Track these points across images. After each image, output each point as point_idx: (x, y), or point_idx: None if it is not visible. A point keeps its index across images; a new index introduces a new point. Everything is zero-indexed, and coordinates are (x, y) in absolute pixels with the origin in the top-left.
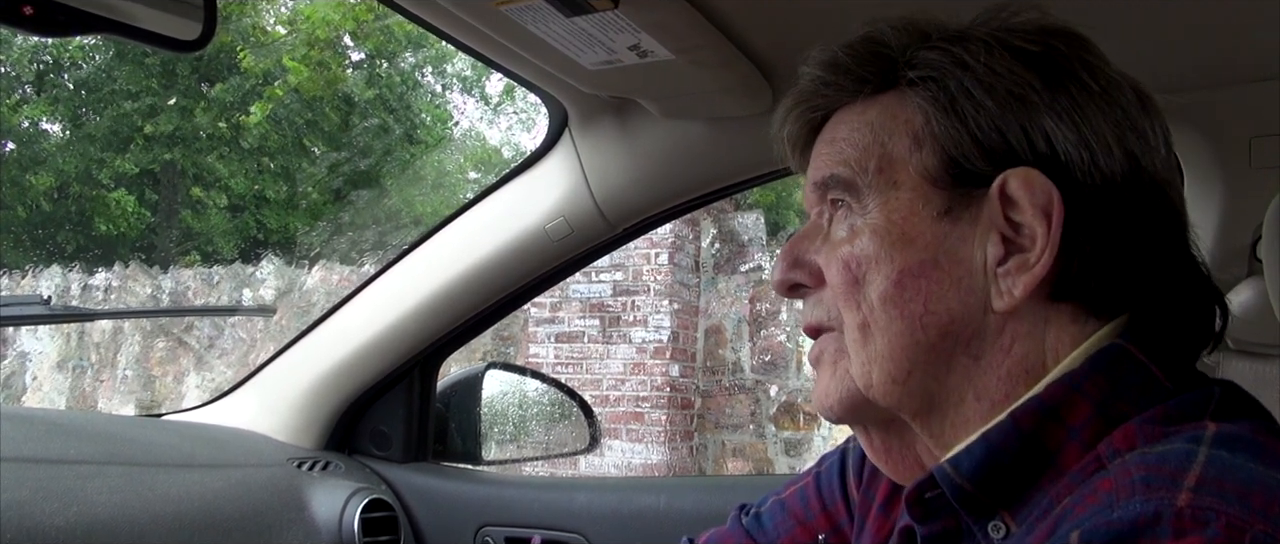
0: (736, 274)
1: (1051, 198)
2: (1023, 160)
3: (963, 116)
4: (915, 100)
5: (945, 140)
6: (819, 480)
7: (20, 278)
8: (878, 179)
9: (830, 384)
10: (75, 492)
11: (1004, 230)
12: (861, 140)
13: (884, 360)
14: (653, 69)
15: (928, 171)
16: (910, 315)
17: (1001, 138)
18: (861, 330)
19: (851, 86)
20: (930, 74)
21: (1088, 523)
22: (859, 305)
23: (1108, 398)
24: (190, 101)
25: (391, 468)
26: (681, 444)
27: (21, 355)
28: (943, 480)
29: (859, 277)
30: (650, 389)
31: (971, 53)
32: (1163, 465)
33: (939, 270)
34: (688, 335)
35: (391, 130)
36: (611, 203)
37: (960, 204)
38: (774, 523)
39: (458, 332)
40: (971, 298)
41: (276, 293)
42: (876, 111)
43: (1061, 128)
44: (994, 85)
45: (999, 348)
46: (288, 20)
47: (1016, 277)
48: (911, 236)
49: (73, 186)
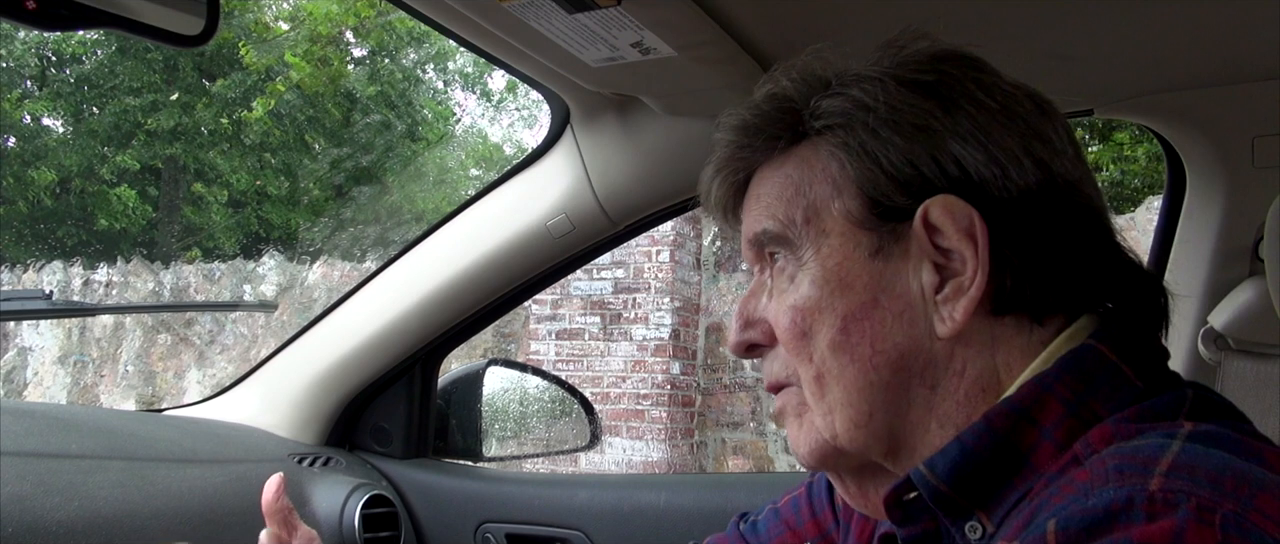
0: (738, 272)
1: (972, 219)
2: (938, 188)
3: (873, 157)
4: (826, 148)
5: (862, 182)
6: (811, 489)
7: (22, 273)
8: (807, 230)
9: (799, 437)
10: (77, 486)
11: (935, 258)
12: (784, 193)
13: (844, 407)
14: (655, 66)
15: (851, 215)
16: (861, 359)
17: (914, 170)
18: (817, 382)
19: (765, 145)
20: (836, 121)
21: (1063, 511)
22: (811, 357)
23: (1080, 397)
24: (192, 97)
25: (392, 464)
26: (682, 442)
27: (23, 350)
28: (919, 483)
29: (805, 329)
30: (651, 387)
31: (869, 93)
32: (1137, 455)
33: (880, 309)
34: (689, 333)
35: (393, 127)
36: (613, 200)
37: (889, 240)
38: (768, 530)
39: (459, 328)
40: (916, 329)
41: (278, 289)
42: (793, 165)
43: (968, 150)
44: (897, 121)
45: (952, 372)
46: (290, 16)
47: (954, 301)
48: (848, 281)
49: (75, 182)
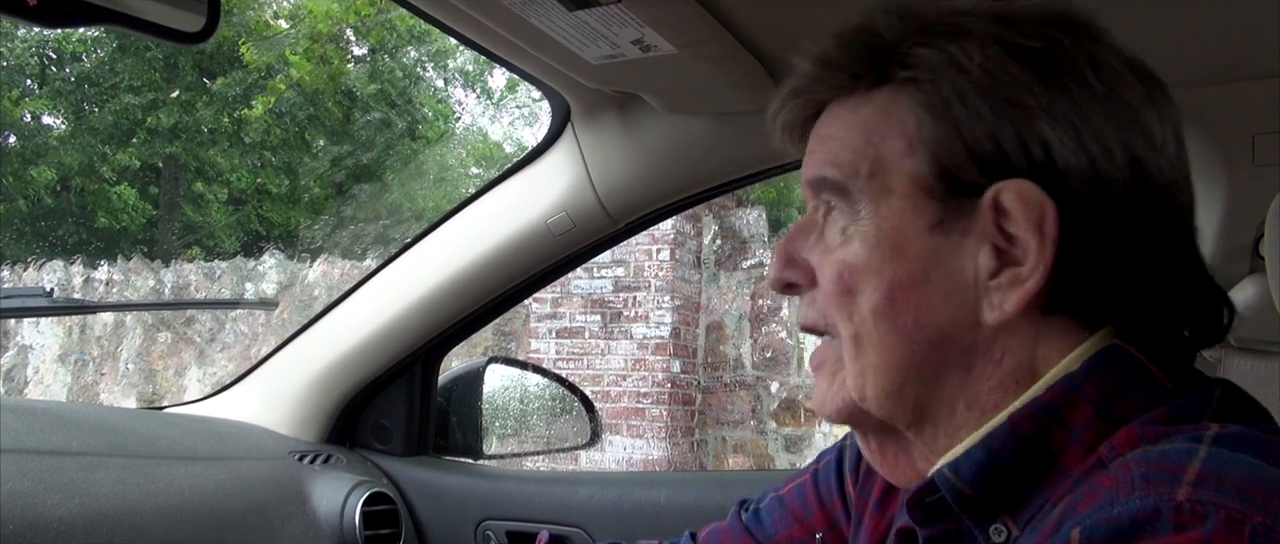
0: (738, 270)
1: (1045, 212)
2: (1017, 170)
3: (956, 123)
4: (908, 101)
5: (938, 148)
6: (816, 478)
7: (23, 271)
8: (869, 184)
9: (828, 392)
10: (78, 483)
11: (996, 241)
12: (854, 141)
13: (876, 373)
14: (656, 63)
15: (920, 179)
16: (902, 329)
17: (996, 147)
18: (855, 343)
19: (844, 82)
20: (925, 75)
21: (1088, 520)
22: (851, 316)
23: (1108, 399)
24: (192, 95)
25: (393, 462)
26: (682, 440)
27: (23, 348)
28: (943, 485)
29: (851, 287)
30: (651, 385)
31: (968, 52)
32: (1163, 462)
33: (930, 284)
34: (689, 331)
35: (393, 125)
36: (614, 198)
37: (952, 215)
38: (772, 520)
39: (459, 326)
40: (962, 312)
41: (278, 287)
42: (869, 110)
43: (1059, 134)
44: (990, 90)
45: (990, 359)
46: (290, 14)
47: (1008, 291)
48: (902, 248)
49: (75, 180)
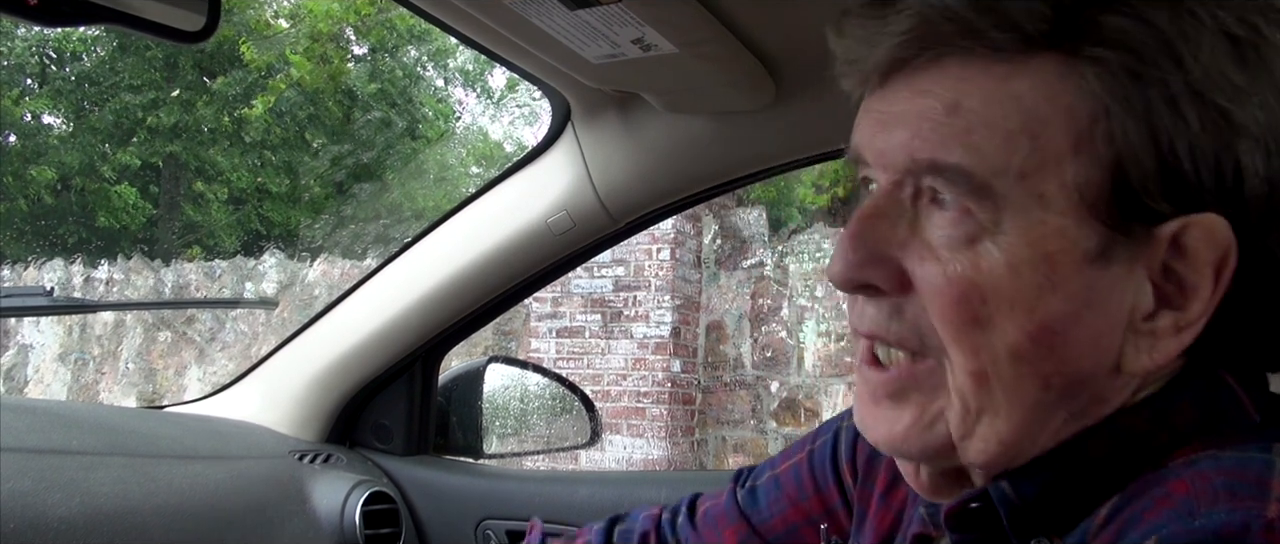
0: (738, 270)
1: (1229, 253)
2: (1208, 201)
3: (1155, 133)
4: (1094, 82)
5: (1126, 158)
6: (813, 459)
7: (23, 270)
8: (1020, 187)
9: (912, 428)
10: (78, 482)
11: (1157, 279)
12: (1005, 122)
13: (999, 421)
14: (656, 63)
15: (1087, 192)
16: (1042, 375)
17: (1193, 169)
18: (976, 382)
19: (997, 36)
20: (1124, 58)
21: (1166, 529)
22: (977, 351)
23: (1192, 430)
24: (193, 94)
25: (393, 461)
26: (682, 439)
27: (23, 347)
28: (999, 501)
29: (980, 317)
30: (651, 384)
31: (1191, 39)
32: (1244, 472)
33: (1082, 324)
34: (689, 331)
35: (394, 124)
36: (614, 197)
37: (1119, 245)
38: (769, 501)
39: (459, 326)
40: (1107, 357)
41: (278, 286)
42: (1028, 81)
43: (1254, 155)
44: (1204, 95)
45: (1108, 404)
46: (290, 13)
47: (1161, 339)
48: (1059, 281)
49: (75, 179)
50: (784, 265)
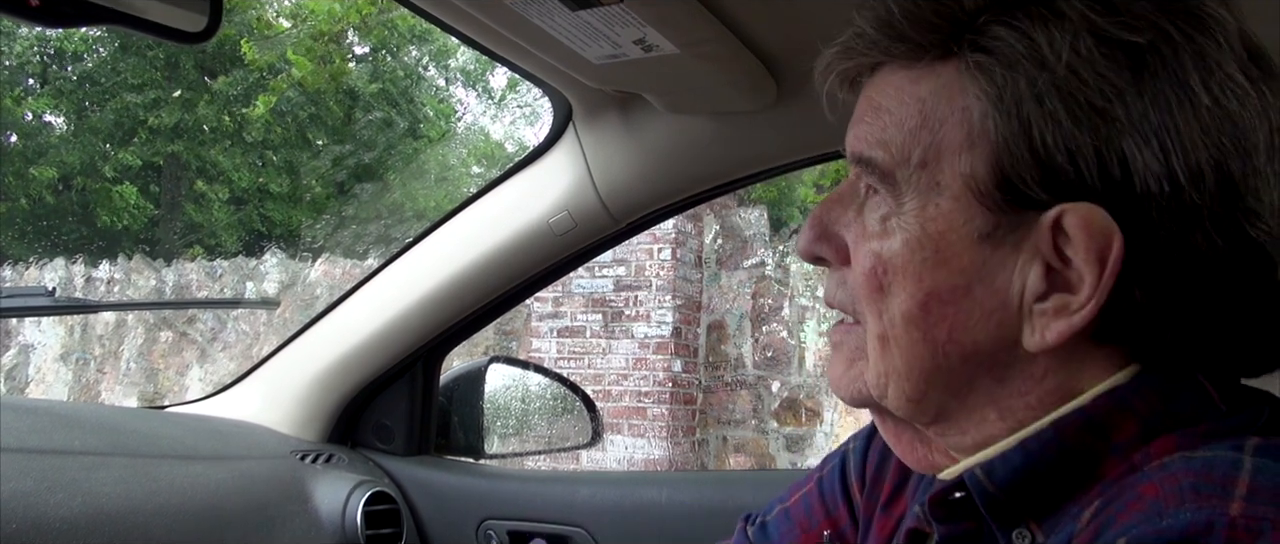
0: (739, 270)
1: (1111, 242)
2: (1088, 191)
3: (1027, 126)
4: (977, 87)
5: (1001, 150)
6: (821, 485)
7: (24, 270)
8: (919, 175)
9: (844, 378)
10: (80, 483)
11: (1050, 260)
12: (907, 120)
13: (900, 378)
14: (658, 63)
15: (975, 181)
16: (933, 340)
17: (1068, 161)
18: (880, 341)
19: (904, 52)
20: (999, 61)
21: (1135, 530)
22: (880, 314)
23: (1158, 417)
24: (194, 94)
25: (394, 461)
26: (683, 439)
27: (25, 347)
28: (972, 485)
29: (884, 284)
30: (652, 384)
31: (1054, 42)
32: (1211, 472)
33: (970, 298)
34: (690, 331)
35: (395, 124)
36: (615, 197)
37: (1005, 228)
38: (779, 532)
39: (461, 326)
40: (1001, 330)
41: (280, 286)
42: (930, 86)
43: (1144, 152)
44: (1073, 92)
45: (1028, 376)
46: (292, 13)
47: (1053, 319)
48: (946, 257)
49: (76, 179)
50: (785, 265)
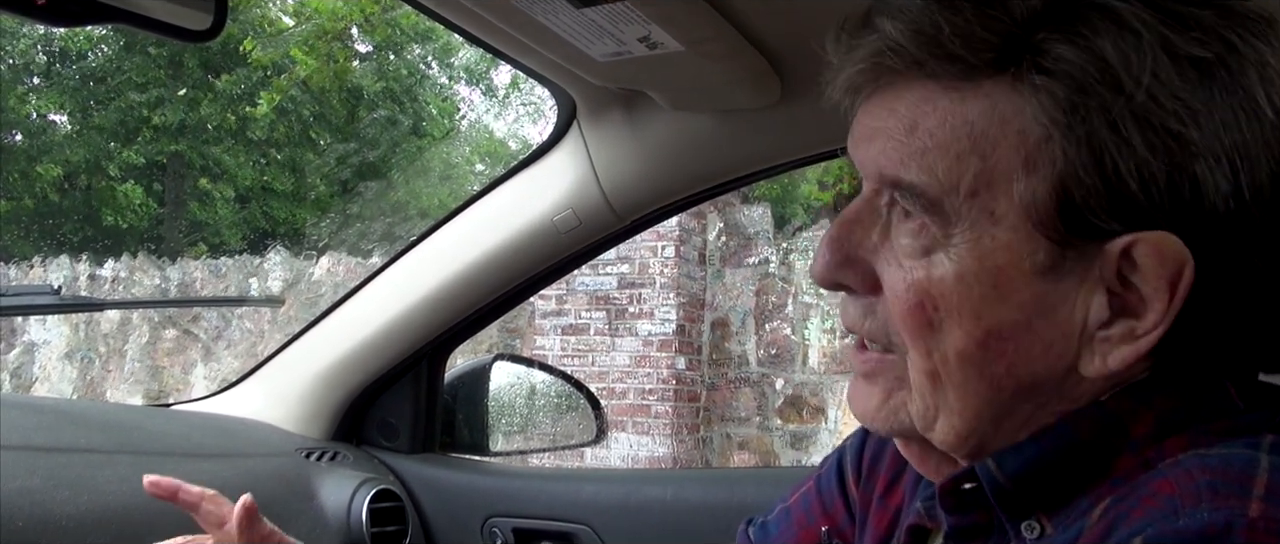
0: (742, 267)
1: (1183, 268)
2: (1160, 218)
3: (1098, 152)
4: (1037, 106)
5: (1069, 178)
6: (820, 483)
7: (28, 269)
8: (970, 204)
9: (879, 410)
10: (86, 480)
11: (1112, 287)
12: (954, 144)
13: (952, 414)
14: (662, 61)
15: (1036, 210)
16: (990, 378)
17: (1140, 187)
18: (929, 377)
19: (952, 72)
20: (1066, 84)
21: (1151, 529)
22: (929, 351)
23: (1176, 413)
24: (198, 93)
25: (399, 459)
26: (687, 437)
27: (30, 346)
28: (983, 476)
29: (934, 320)
30: (656, 382)
31: (1130, 63)
32: (1228, 470)
33: (1030, 334)
34: (694, 328)
35: (399, 122)
36: (619, 195)
37: (1068, 260)
38: (779, 530)
39: (465, 324)
40: (1061, 361)
41: (284, 284)
42: (979, 108)
43: (1216, 173)
44: (1150, 116)
45: (1069, 397)
46: (295, 11)
47: (1117, 346)
48: (1005, 292)
49: (81, 177)
50: (789, 262)
